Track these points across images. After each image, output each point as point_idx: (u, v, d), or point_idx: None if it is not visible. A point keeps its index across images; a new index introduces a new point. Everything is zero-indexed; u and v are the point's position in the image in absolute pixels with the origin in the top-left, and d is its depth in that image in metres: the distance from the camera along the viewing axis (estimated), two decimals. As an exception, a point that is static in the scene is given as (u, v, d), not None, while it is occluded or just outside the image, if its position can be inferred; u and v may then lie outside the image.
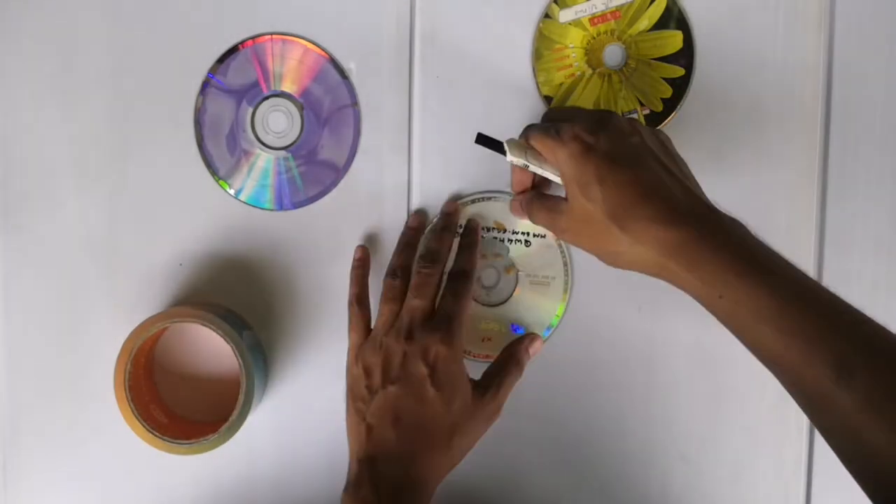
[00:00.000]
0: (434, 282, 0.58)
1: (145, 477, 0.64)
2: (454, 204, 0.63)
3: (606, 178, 0.52)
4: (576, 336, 0.64)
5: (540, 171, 0.57)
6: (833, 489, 0.64)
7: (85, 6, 0.63)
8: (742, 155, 0.64)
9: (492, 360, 0.60)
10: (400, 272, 0.60)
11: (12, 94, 0.63)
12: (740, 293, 0.48)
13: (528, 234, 0.63)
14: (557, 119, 0.57)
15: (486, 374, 0.59)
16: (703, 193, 0.54)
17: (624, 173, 0.52)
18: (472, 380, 0.58)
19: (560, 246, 0.63)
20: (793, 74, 0.63)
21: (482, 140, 0.58)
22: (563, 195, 0.55)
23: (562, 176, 0.54)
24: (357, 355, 0.58)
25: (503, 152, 0.57)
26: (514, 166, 0.59)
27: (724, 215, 0.52)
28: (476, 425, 0.57)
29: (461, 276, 0.59)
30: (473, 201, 0.63)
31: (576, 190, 0.53)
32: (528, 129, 0.57)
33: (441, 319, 0.57)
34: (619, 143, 0.53)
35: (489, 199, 0.63)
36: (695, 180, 0.55)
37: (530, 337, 0.62)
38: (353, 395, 0.58)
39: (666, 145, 0.55)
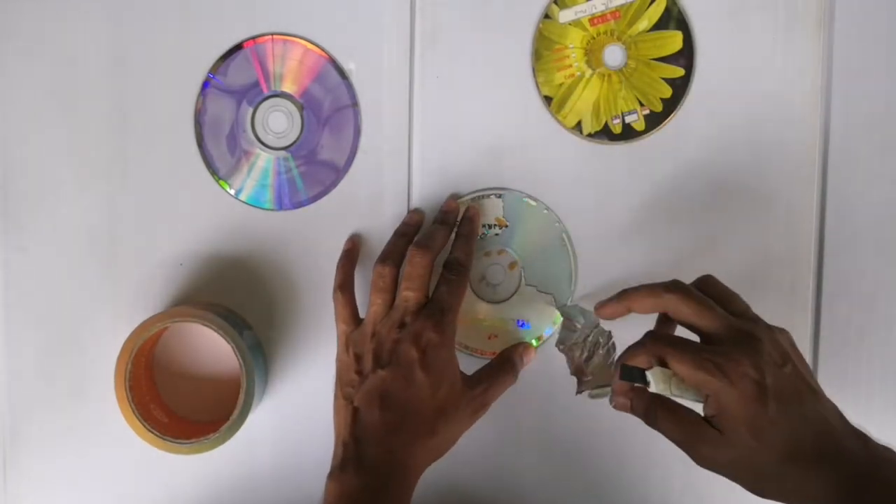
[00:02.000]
0: (426, 271, 0.58)
1: (146, 477, 0.64)
2: (453, 202, 0.63)
3: (781, 421, 0.49)
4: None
5: (681, 400, 0.52)
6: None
7: (85, 6, 0.63)
8: (741, 155, 0.64)
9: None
10: (390, 259, 0.59)
11: (13, 94, 0.63)
12: None
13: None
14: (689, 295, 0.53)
15: (478, 371, 0.59)
16: (842, 416, 0.52)
17: (795, 414, 0.50)
18: (463, 373, 0.58)
19: (565, 241, 0.63)
20: (793, 74, 0.63)
21: (627, 373, 0.53)
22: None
23: (720, 405, 0.50)
24: (347, 343, 0.59)
25: (646, 383, 0.52)
26: (620, 299, 0.55)
27: (879, 446, 0.51)
28: (461, 416, 0.57)
29: (456, 266, 0.59)
30: (474, 199, 0.63)
31: (743, 431, 0.49)
32: (665, 344, 0.52)
33: (434, 309, 0.57)
34: (782, 378, 0.50)
35: (489, 196, 0.63)
36: (820, 389, 0.53)
37: (524, 345, 0.62)
38: (341, 382, 0.58)
39: (804, 361, 0.53)
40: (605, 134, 0.63)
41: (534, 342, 0.64)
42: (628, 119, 0.63)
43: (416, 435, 0.55)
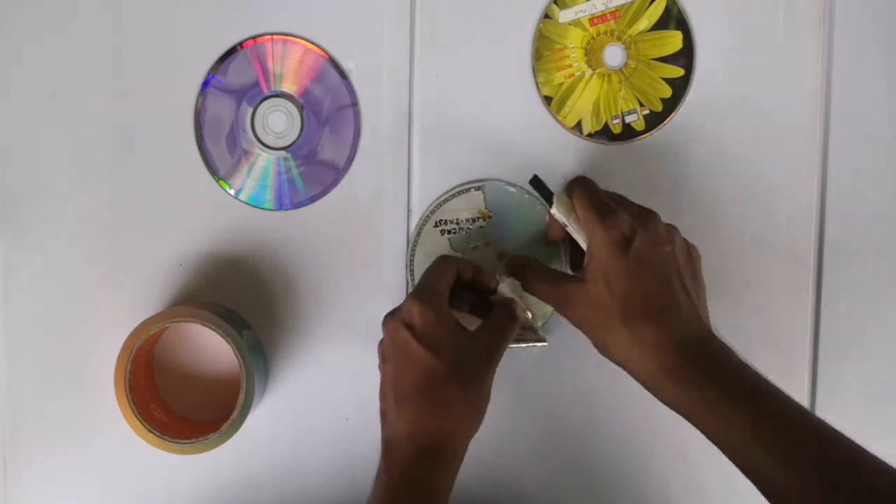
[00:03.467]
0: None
1: (145, 476, 0.64)
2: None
3: (631, 278, 0.53)
4: (577, 334, 0.64)
5: (574, 236, 0.58)
6: (833, 489, 0.64)
7: (85, 6, 0.63)
8: (742, 154, 0.64)
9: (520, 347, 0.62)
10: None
11: (13, 94, 0.63)
12: (732, 417, 0.50)
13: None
14: (600, 194, 0.58)
15: (481, 327, 0.57)
16: (708, 319, 0.56)
17: (647, 280, 0.54)
18: (466, 329, 0.56)
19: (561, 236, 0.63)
20: (792, 74, 0.63)
21: (536, 184, 0.59)
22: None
23: (589, 255, 0.56)
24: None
25: (549, 203, 0.58)
26: (552, 216, 0.59)
27: (723, 343, 0.54)
28: (477, 366, 0.55)
29: (445, 256, 0.59)
30: (459, 193, 0.63)
31: (599, 274, 0.54)
32: (577, 187, 0.58)
33: (417, 290, 0.55)
34: (653, 249, 0.54)
35: (468, 190, 0.63)
36: (706, 307, 0.56)
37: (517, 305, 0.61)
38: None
39: (694, 264, 0.57)
40: (605, 134, 0.63)
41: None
42: (628, 119, 0.63)
43: (438, 408, 0.53)
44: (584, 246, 0.57)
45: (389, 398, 0.54)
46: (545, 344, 0.61)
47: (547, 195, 0.59)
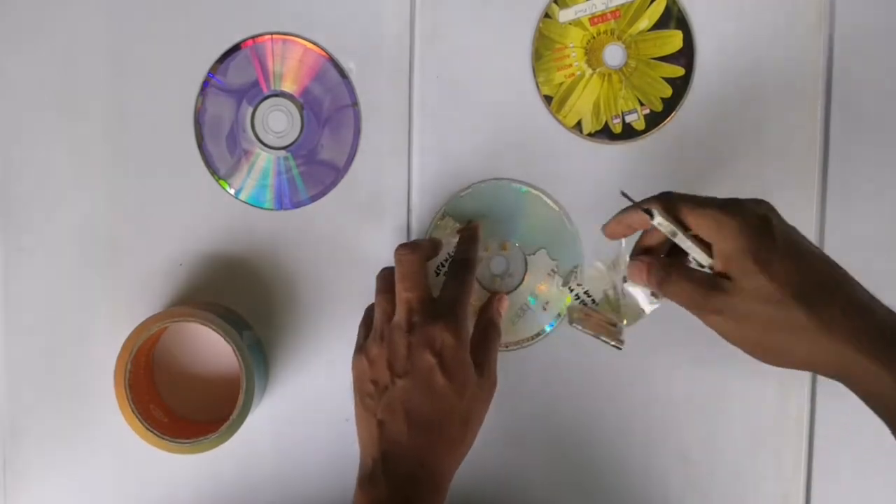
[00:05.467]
0: (418, 268, 0.56)
1: (145, 476, 0.64)
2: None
3: (793, 258, 0.47)
4: (578, 333, 0.64)
5: (686, 245, 0.51)
6: (833, 489, 0.64)
7: (85, 6, 0.63)
8: (742, 155, 0.64)
9: (521, 345, 0.62)
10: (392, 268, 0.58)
11: (12, 94, 0.63)
12: None
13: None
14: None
15: (475, 349, 0.56)
16: None
17: (808, 256, 0.48)
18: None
19: (529, 196, 0.63)
20: (793, 74, 0.63)
21: (626, 196, 0.54)
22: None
23: (725, 251, 0.49)
24: (361, 347, 0.57)
25: (650, 214, 0.51)
26: (618, 218, 0.54)
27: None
28: (484, 407, 0.56)
29: (460, 262, 0.59)
30: (446, 213, 0.63)
31: (751, 265, 0.47)
32: (671, 197, 0.52)
33: (443, 306, 0.55)
34: (788, 225, 0.49)
35: (459, 198, 0.63)
36: None
37: (496, 298, 0.62)
38: (359, 390, 0.56)
39: None
40: (605, 134, 0.63)
41: (546, 328, 0.64)
42: (628, 119, 0.63)
43: (446, 446, 0.54)
44: (703, 257, 0.50)
45: (399, 414, 0.53)
46: (620, 349, 0.57)
47: (642, 207, 0.52)
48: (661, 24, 0.63)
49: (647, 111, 0.63)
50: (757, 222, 0.48)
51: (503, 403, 0.63)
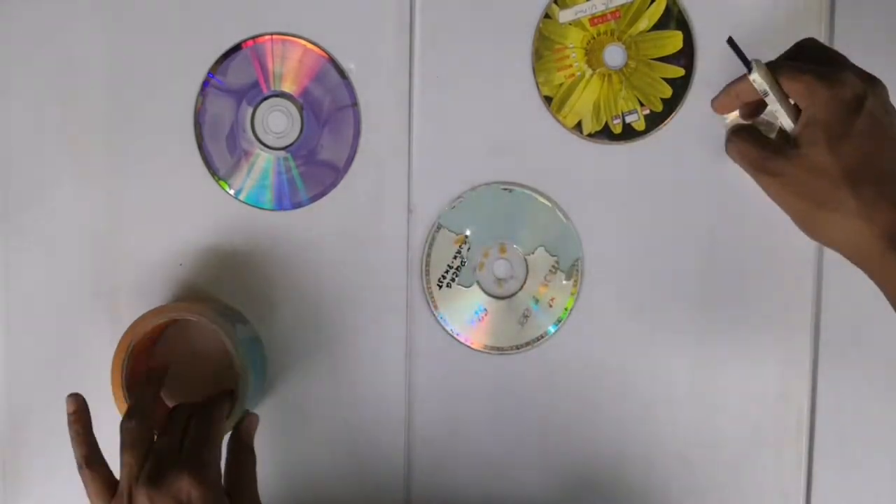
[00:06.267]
0: (146, 436, 0.53)
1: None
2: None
3: (865, 138, 0.48)
4: (579, 334, 0.64)
5: (776, 107, 0.52)
6: (833, 489, 0.64)
7: (85, 6, 0.63)
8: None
9: (524, 347, 0.62)
10: (135, 412, 0.54)
11: (12, 93, 0.63)
12: None
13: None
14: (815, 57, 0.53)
15: (231, 481, 0.54)
16: None
17: (882, 143, 0.49)
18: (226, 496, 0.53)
19: (559, 216, 0.63)
20: (793, 74, 0.63)
21: (733, 44, 0.54)
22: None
23: (807, 117, 0.50)
24: None
25: (749, 68, 0.53)
26: (727, 89, 0.55)
27: None
28: None
29: (205, 413, 0.55)
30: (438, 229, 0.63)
31: (821, 136, 0.49)
32: (776, 62, 0.53)
33: (188, 453, 0.52)
34: (884, 111, 0.50)
35: (451, 209, 0.63)
36: None
37: (248, 419, 0.57)
38: None
39: None
40: (605, 134, 0.63)
41: (551, 328, 0.64)
42: (628, 119, 0.63)
43: None
44: (788, 123, 0.52)
45: None
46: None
47: (745, 60, 0.54)
48: (661, 24, 0.63)
49: (647, 111, 0.63)
50: (850, 97, 0.48)
51: (504, 404, 0.63)
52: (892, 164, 0.49)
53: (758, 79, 0.52)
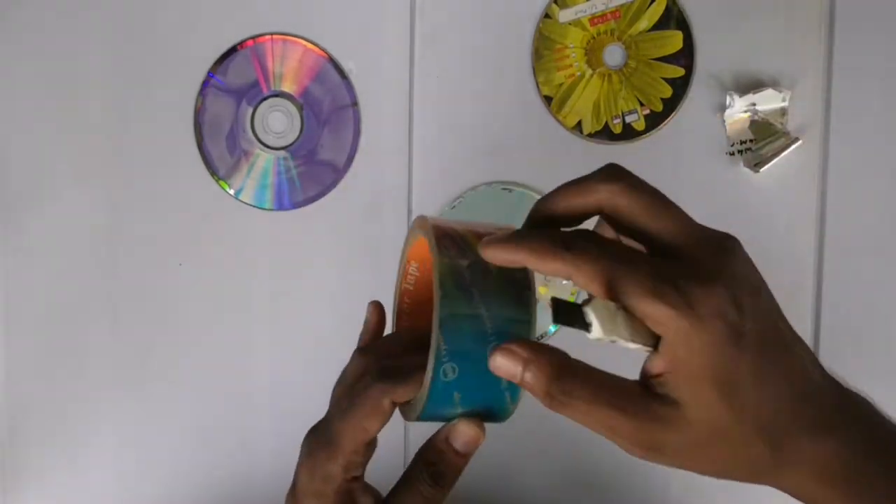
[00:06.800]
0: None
1: (145, 476, 0.64)
2: None
3: (762, 378, 0.35)
4: (579, 333, 0.64)
5: (630, 346, 0.37)
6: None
7: (85, 6, 0.63)
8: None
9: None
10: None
11: (12, 94, 0.63)
12: None
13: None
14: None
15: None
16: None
17: (779, 369, 0.36)
18: None
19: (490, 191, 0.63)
20: (793, 74, 0.63)
21: (560, 315, 0.40)
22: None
23: (682, 369, 0.35)
24: None
25: (586, 326, 0.38)
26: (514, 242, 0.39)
27: (854, 394, 0.39)
28: None
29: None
30: (453, 206, 0.63)
31: (708, 393, 0.35)
32: (623, 266, 0.36)
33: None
34: (761, 315, 0.36)
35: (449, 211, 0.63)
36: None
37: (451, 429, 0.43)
38: None
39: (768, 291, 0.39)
40: (605, 134, 0.63)
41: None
42: (628, 119, 0.63)
43: None
44: (645, 350, 0.38)
45: None
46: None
47: (578, 317, 0.39)
48: (661, 24, 0.63)
49: (647, 111, 0.63)
50: (726, 335, 0.34)
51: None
52: (799, 380, 0.36)
53: (600, 334, 0.38)
